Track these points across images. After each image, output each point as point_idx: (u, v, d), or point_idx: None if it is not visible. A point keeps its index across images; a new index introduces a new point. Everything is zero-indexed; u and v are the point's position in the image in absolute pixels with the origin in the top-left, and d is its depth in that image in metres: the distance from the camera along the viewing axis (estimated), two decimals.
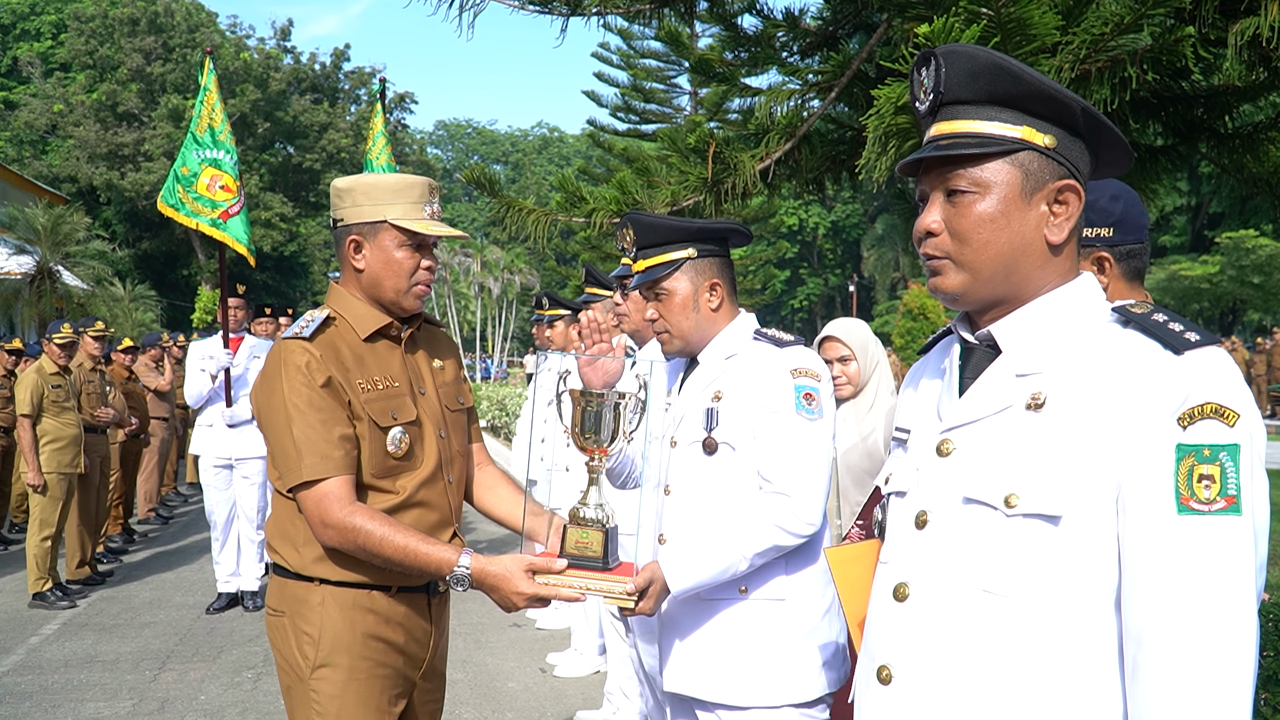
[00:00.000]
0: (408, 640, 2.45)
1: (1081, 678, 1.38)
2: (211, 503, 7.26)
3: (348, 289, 2.51)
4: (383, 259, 2.44)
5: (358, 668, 2.36)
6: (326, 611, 2.35)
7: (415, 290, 2.48)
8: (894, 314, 39.55)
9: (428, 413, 2.50)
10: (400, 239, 2.44)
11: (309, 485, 2.28)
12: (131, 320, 26.85)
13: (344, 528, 2.26)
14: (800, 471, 2.41)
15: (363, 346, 2.44)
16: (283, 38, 51.33)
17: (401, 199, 2.43)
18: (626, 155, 18.70)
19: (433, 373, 2.60)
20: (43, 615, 7.09)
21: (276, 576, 2.46)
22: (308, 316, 2.46)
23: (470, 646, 6.28)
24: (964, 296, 1.54)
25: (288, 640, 2.39)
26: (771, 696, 2.41)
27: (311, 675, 2.35)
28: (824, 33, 4.86)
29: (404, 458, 2.41)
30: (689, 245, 2.58)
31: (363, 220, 2.43)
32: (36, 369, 7.60)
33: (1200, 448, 1.30)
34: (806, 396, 2.44)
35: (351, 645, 2.35)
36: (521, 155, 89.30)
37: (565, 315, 6.50)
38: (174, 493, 12.42)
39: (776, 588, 2.44)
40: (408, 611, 2.44)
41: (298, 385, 2.30)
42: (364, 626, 2.37)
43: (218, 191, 6.53)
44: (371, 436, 2.36)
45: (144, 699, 5.33)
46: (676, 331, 2.59)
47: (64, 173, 43.85)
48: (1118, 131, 1.51)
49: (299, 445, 2.27)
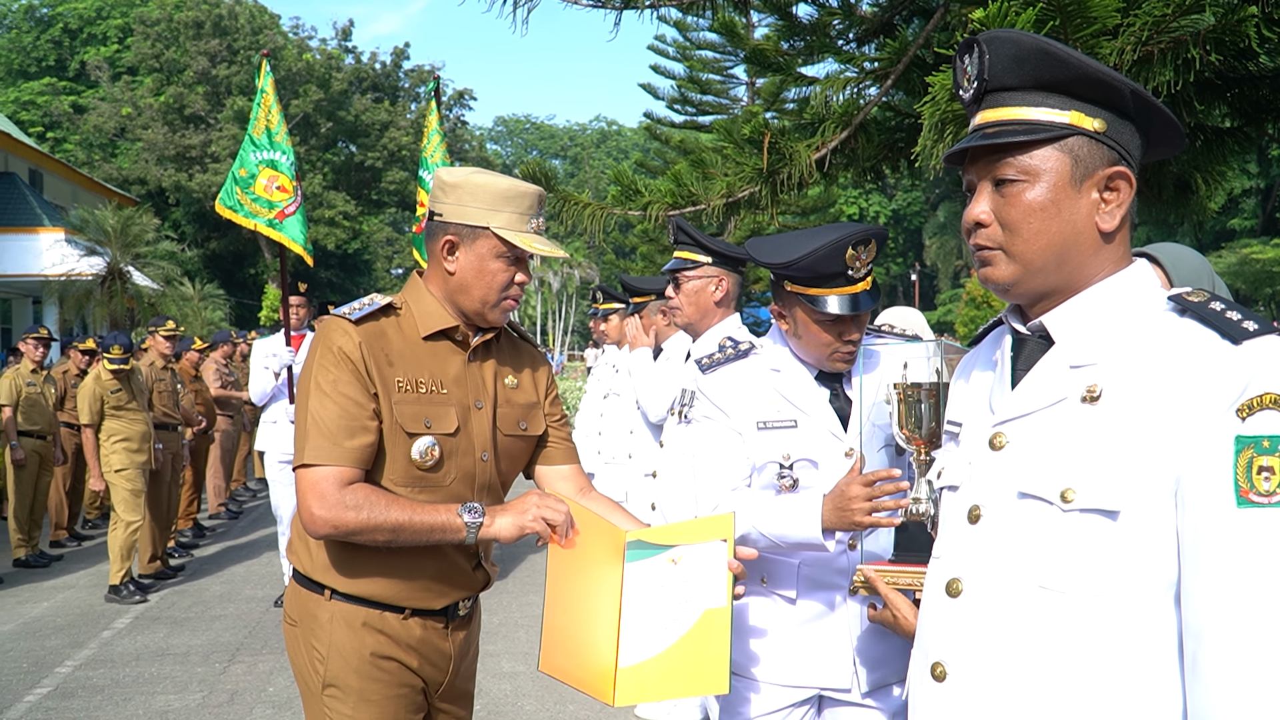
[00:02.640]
0: (422, 664, 2.34)
1: (1140, 675, 1.35)
2: (277, 498, 7.37)
3: (429, 285, 2.37)
4: (477, 266, 2.29)
5: (369, 689, 2.26)
6: (335, 630, 2.26)
7: (504, 304, 2.34)
8: (957, 303, 39.12)
9: (475, 429, 2.34)
10: (499, 249, 2.29)
11: (309, 467, 2.15)
12: (201, 319, 27.47)
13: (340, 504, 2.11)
14: None
15: (419, 344, 2.31)
16: (344, 38, 52.13)
17: (509, 208, 2.28)
18: (683, 147, 18.65)
19: (500, 389, 2.43)
20: (115, 609, 7.27)
21: (295, 582, 2.38)
22: (367, 299, 2.33)
23: (533, 639, 6.31)
24: (1016, 287, 1.51)
25: (300, 653, 2.32)
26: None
27: (323, 693, 2.27)
28: (880, 19, 4.80)
29: (431, 469, 2.26)
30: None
31: (464, 222, 2.28)
32: (94, 377, 7.76)
33: (1260, 439, 1.26)
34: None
35: (360, 667, 2.25)
36: (580, 149, 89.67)
37: (620, 309, 6.51)
38: (243, 488, 12.69)
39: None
40: (423, 636, 2.33)
41: (326, 365, 2.19)
42: (373, 647, 2.26)
43: (274, 192, 6.63)
44: (393, 440, 2.22)
45: (214, 691, 5.44)
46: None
47: (133, 175, 44.93)
48: (1168, 112, 1.47)
49: (308, 425, 2.16)
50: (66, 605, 7.41)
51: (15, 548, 8.82)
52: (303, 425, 2.19)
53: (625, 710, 5.03)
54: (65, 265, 23.78)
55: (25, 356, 9.10)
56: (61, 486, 9.66)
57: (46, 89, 51.03)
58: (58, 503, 9.67)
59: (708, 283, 3.75)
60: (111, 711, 5.14)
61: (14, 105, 49.39)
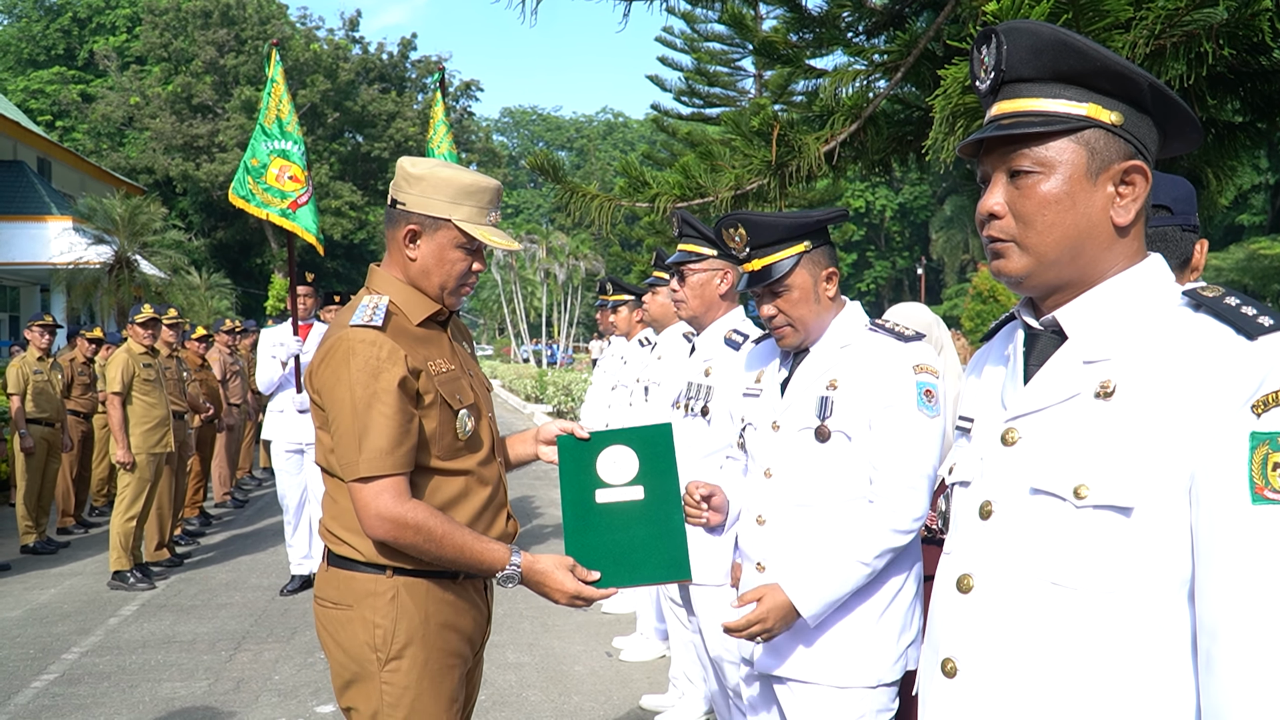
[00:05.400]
0: (473, 626, 2.47)
1: (1152, 672, 1.35)
2: (283, 487, 7.39)
3: (391, 272, 2.47)
4: (438, 255, 2.42)
5: (431, 659, 2.35)
6: (400, 604, 2.32)
7: (462, 291, 2.50)
8: (963, 297, 39.04)
9: (480, 396, 2.53)
10: (460, 240, 2.41)
11: (365, 481, 2.25)
12: (208, 308, 27.54)
13: (401, 522, 2.24)
14: (912, 468, 2.43)
15: (418, 331, 2.42)
16: (351, 28, 52.19)
17: (471, 202, 2.40)
18: (690, 139, 18.60)
19: (470, 359, 2.63)
20: (122, 596, 7.28)
21: (339, 569, 2.39)
22: (368, 303, 2.37)
23: (538, 630, 6.33)
24: (1028, 280, 1.50)
25: (354, 635, 2.34)
26: (862, 676, 2.45)
27: (384, 669, 2.32)
28: (890, 11, 4.79)
29: (469, 440, 2.42)
30: (804, 239, 2.58)
31: (427, 213, 2.40)
32: (126, 349, 7.73)
33: (1274, 435, 1.24)
34: (927, 393, 2.46)
35: (426, 636, 2.34)
36: (586, 141, 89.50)
37: (629, 300, 6.51)
38: (249, 477, 12.71)
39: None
40: (471, 595, 2.46)
41: (365, 378, 2.25)
42: (438, 617, 2.36)
43: (286, 182, 6.62)
44: (442, 418, 2.35)
45: (219, 679, 5.44)
46: (800, 326, 2.59)
47: (141, 164, 45.02)
48: (1186, 107, 1.46)
49: (360, 439, 2.24)
50: (73, 592, 7.43)
51: (23, 534, 8.85)
52: (349, 438, 2.26)
53: (629, 702, 5.05)
54: (73, 253, 23.86)
55: (31, 344, 9.12)
56: (69, 474, 9.68)
57: (55, 78, 51.12)
58: (65, 490, 9.70)
59: (712, 275, 3.75)
60: (118, 698, 5.16)
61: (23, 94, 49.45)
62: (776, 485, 2.60)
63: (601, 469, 2.50)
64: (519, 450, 2.80)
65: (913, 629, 2.51)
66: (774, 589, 2.39)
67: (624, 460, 2.49)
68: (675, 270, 3.84)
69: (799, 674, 2.49)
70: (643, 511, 2.45)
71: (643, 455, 2.49)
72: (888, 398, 2.45)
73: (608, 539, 2.43)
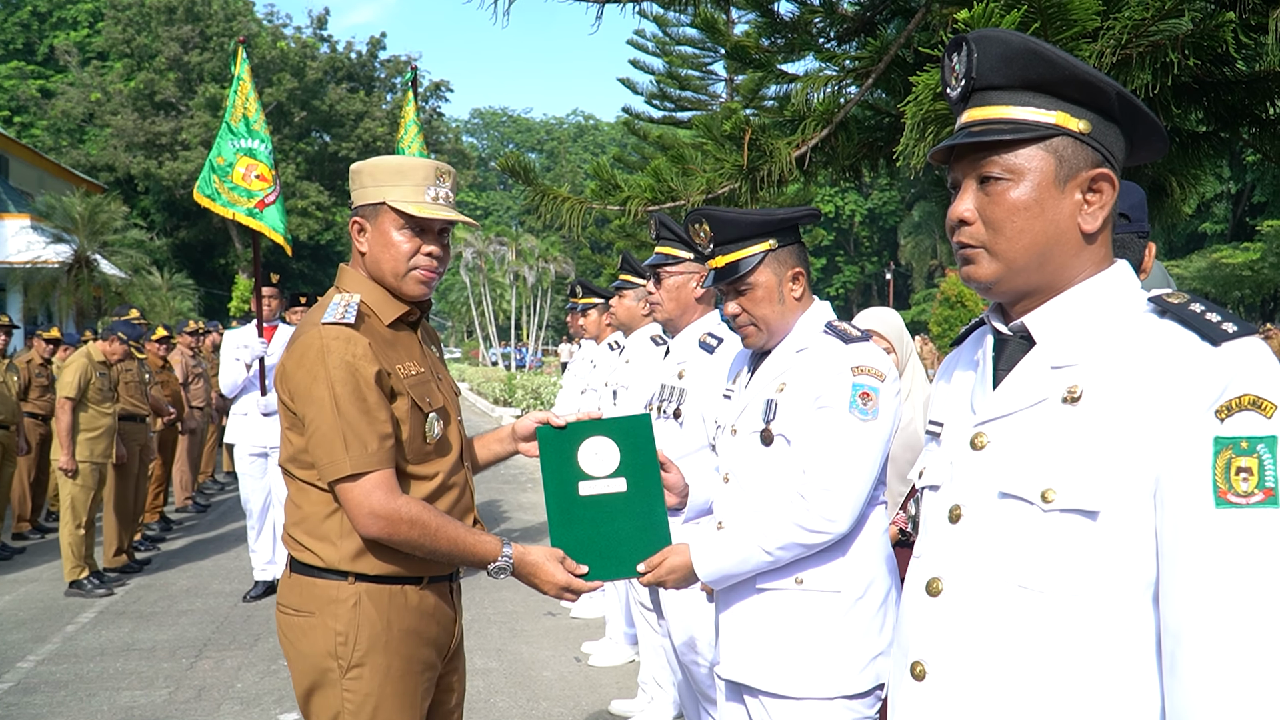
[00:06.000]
0: (439, 632, 2.45)
1: (1119, 675, 1.36)
2: (247, 491, 7.29)
3: (356, 271, 2.46)
4: (381, 241, 2.39)
5: (394, 666, 2.33)
6: (362, 611, 2.31)
7: (413, 275, 2.41)
8: (931, 302, 39.25)
9: (448, 400, 2.52)
10: (398, 221, 2.38)
11: (354, 478, 2.23)
12: (169, 309, 27.21)
13: (396, 517, 2.23)
14: (833, 470, 2.36)
15: (388, 332, 2.41)
16: (319, 26, 51.76)
17: (404, 181, 2.38)
18: (662, 143, 18.61)
19: (438, 362, 2.62)
20: (80, 603, 7.14)
21: (301, 576, 2.37)
22: (340, 300, 2.35)
23: (505, 635, 6.28)
24: (997, 286, 1.52)
25: (314, 642, 2.32)
26: (822, 688, 2.39)
27: (345, 676, 2.30)
28: (861, 18, 4.81)
29: (438, 443, 2.41)
30: (770, 237, 2.54)
31: (366, 202, 2.41)
32: (85, 354, 7.61)
33: (1238, 440, 1.27)
34: (863, 396, 2.39)
35: (389, 644, 2.32)
36: (556, 143, 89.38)
37: (598, 304, 6.48)
38: (211, 481, 12.54)
39: (832, 579, 2.41)
40: (437, 602, 2.44)
41: (344, 374, 2.23)
42: (401, 624, 2.34)
43: (253, 181, 6.53)
44: (413, 421, 2.34)
45: (180, 687, 5.36)
46: (764, 325, 2.56)
47: (101, 161, 44.41)
48: (1154, 116, 1.49)
49: (345, 437, 2.22)
50: (29, 599, 7.29)
51: None
52: (332, 437, 2.24)
53: (598, 707, 5.02)
54: (31, 252, 23.49)
55: None
56: (25, 478, 9.50)
57: (14, 72, 50.35)
58: (21, 494, 9.51)
59: (688, 279, 3.75)
60: (75, 707, 5.06)
61: None
62: (733, 490, 2.59)
63: (583, 460, 2.48)
64: (493, 449, 2.77)
65: (882, 639, 2.42)
66: (680, 549, 2.43)
67: (605, 451, 2.48)
68: (651, 272, 3.83)
69: (759, 683, 2.45)
70: (626, 504, 2.46)
71: (623, 446, 2.49)
72: (823, 398, 2.41)
73: (593, 532, 2.44)
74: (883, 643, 2.42)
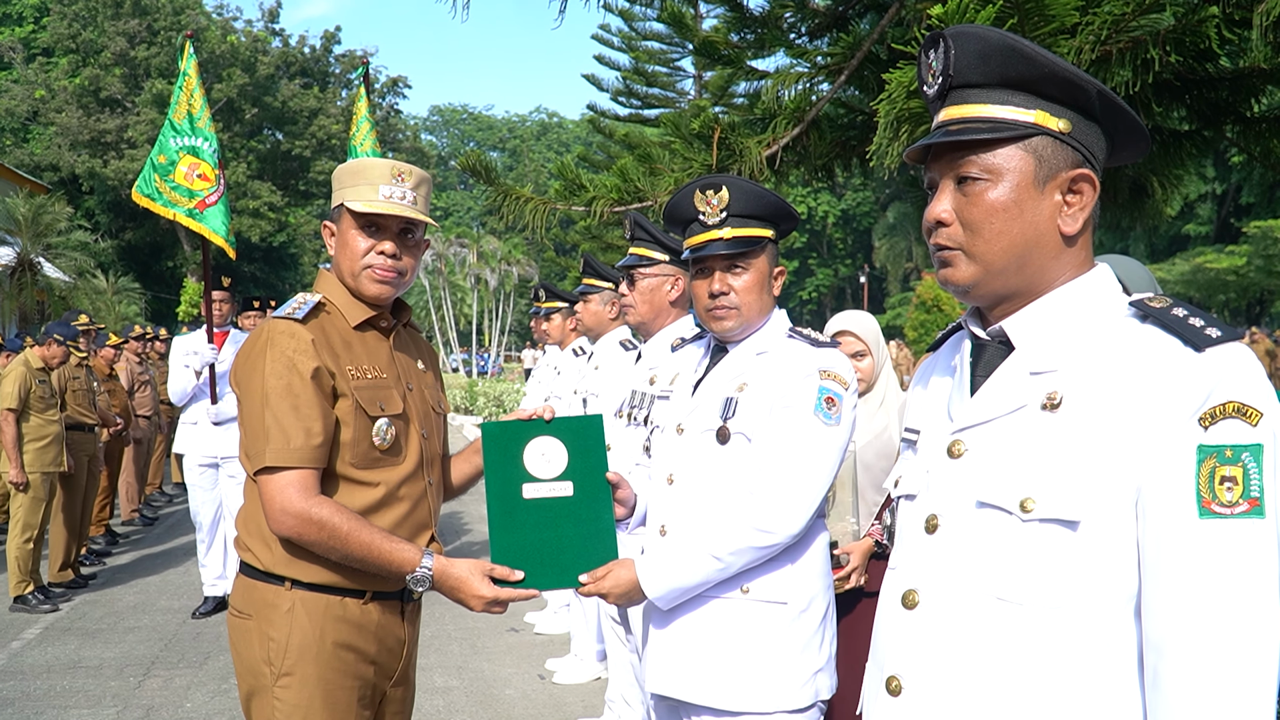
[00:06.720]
0: (380, 650, 2.39)
1: (1100, 688, 1.34)
2: (196, 503, 7.06)
3: (329, 274, 2.51)
4: (341, 242, 2.43)
5: (325, 678, 2.28)
6: (295, 619, 2.27)
7: (367, 274, 2.40)
8: (907, 306, 39.38)
9: (414, 409, 2.48)
10: (353, 221, 2.40)
11: (271, 471, 2.21)
12: (115, 314, 26.65)
13: (305, 517, 2.19)
14: (792, 471, 2.31)
15: (352, 334, 2.41)
16: (271, 20, 50.81)
17: (359, 180, 2.39)
18: (628, 141, 18.38)
19: (415, 372, 2.58)
20: (24, 619, 6.91)
21: (244, 576, 2.37)
22: (300, 298, 2.40)
23: (467, 652, 6.10)
24: (975, 289, 1.49)
25: (251, 645, 2.30)
26: (763, 701, 2.32)
27: (276, 684, 2.26)
28: (833, 13, 4.70)
29: (388, 451, 2.37)
30: (776, 226, 2.50)
31: (332, 206, 2.46)
32: (23, 362, 7.39)
33: (1222, 448, 1.26)
34: (828, 400, 2.36)
35: (320, 655, 2.27)
36: (519, 141, 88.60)
37: (563, 308, 6.33)
38: (159, 493, 12.16)
39: (779, 589, 2.35)
40: (381, 620, 2.37)
41: (280, 368, 2.24)
42: (334, 636, 2.29)
43: (195, 180, 6.29)
44: (357, 424, 2.31)
45: (128, 706, 5.18)
46: (746, 311, 2.47)
47: (45, 161, 43.31)
48: (1134, 115, 1.46)
49: (269, 428, 2.21)
50: None
51: None
52: (257, 429, 2.23)
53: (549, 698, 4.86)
54: None
55: None
56: None
57: None
58: None
59: (663, 281, 3.64)
60: None
61: None
62: (679, 492, 2.48)
63: (529, 462, 2.37)
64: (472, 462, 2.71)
65: (822, 654, 2.39)
66: (625, 564, 2.33)
67: (553, 453, 2.38)
68: (625, 274, 3.71)
69: (697, 697, 2.36)
70: (571, 509, 2.35)
71: (572, 448, 2.38)
72: (787, 398, 2.36)
73: (534, 537, 2.33)
74: (823, 658, 2.41)
